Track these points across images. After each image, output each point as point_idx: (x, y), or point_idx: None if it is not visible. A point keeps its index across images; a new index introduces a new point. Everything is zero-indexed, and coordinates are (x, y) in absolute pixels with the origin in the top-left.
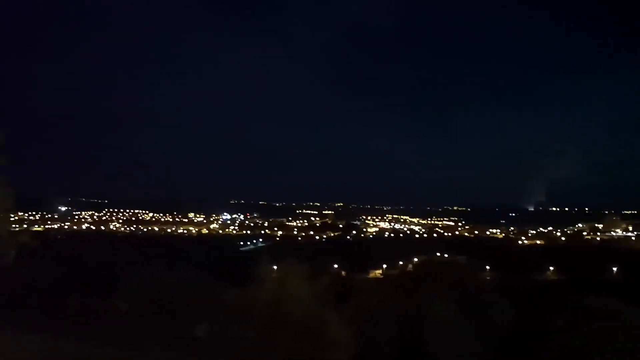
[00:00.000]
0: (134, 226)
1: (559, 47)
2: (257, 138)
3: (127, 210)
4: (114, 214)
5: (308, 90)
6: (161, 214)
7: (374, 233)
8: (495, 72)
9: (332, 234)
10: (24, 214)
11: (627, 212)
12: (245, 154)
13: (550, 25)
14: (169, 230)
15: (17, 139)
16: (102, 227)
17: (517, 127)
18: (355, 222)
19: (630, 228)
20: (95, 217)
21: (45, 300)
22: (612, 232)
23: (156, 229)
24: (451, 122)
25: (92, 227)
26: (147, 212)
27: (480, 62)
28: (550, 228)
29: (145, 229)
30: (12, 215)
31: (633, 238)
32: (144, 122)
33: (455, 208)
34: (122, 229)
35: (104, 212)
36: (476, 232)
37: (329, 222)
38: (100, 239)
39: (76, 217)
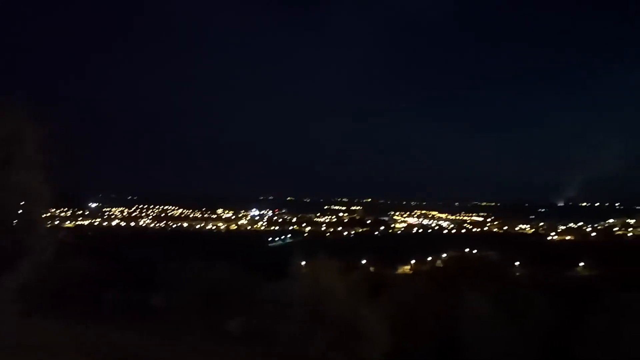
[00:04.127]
0: (164, 222)
1: (596, 40)
2: (286, 134)
3: (157, 207)
4: (144, 210)
5: (337, 86)
6: (190, 210)
7: (402, 229)
8: (527, 66)
9: (360, 230)
10: (55, 211)
11: None
12: (273, 150)
13: (593, 17)
14: (197, 226)
15: (48, 136)
16: (132, 224)
17: (548, 122)
18: (383, 218)
19: None
20: (125, 213)
21: (84, 294)
22: None
23: (185, 225)
24: (481, 116)
25: (122, 223)
26: (176, 208)
27: (513, 56)
28: (580, 223)
29: (174, 225)
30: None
31: None
32: (174, 119)
33: (484, 203)
34: (152, 225)
35: (133, 208)
36: (505, 227)
37: (357, 217)
38: (131, 235)
39: (106, 213)
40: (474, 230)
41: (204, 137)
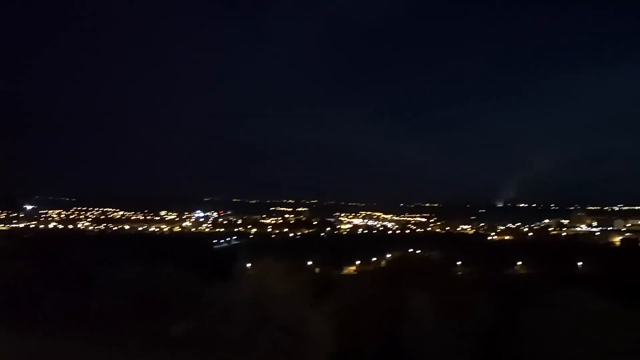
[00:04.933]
0: (104, 224)
1: (532, 42)
2: (230, 135)
3: (97, 209)
4: (83, 212)
5: (280, 86)
6: (132, 212)
7: (348, 230)
8: (465, 67)
9: (307, 231)
10: None
11: (591, 208)
12: (218, 151)
13: (528, 19)
14: (140, 228)
15: None
16: (71, 226)
17: (487, 124)
18: (329, 219)
19: (595, 223)
20: (63, 215)
21: (18, 299)
22: (577, 228)
23: (127, 227)
24: (423, 118)
25: (59, 226)
26: (117, 210)
27: (455, 58)
28: (518, 224)
29: (115, 228)
30: None
31: (597, 233)
32: (113, 117)
33: (427, 204)
34: (92, 227)
35: (72, 210)
36: (447, 228)
37: (303, 219)
38: (70, 237)
39: (43, 216)
40: (418, 230)
41: (145, 136)
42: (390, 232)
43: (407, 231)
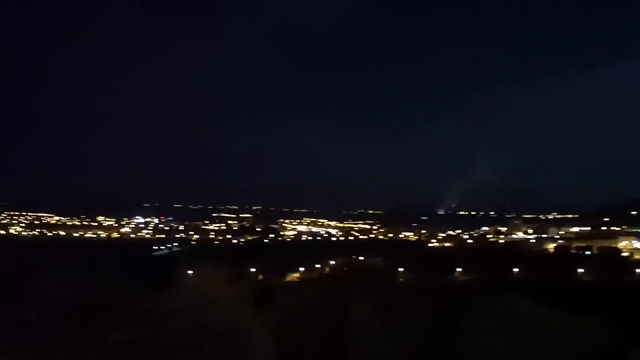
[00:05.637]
0: (38, 230)
1: (476, 55)
2: (172, 138)
3: (30, 213)
4: (15, 217)
5: (227, 89)
6: (68, 217)
7: (292, 236)
8: (411, 78)
9: (250, 238)
10: None
11: (527, 216)
12: (159, 154)
13: (468, 33)
14: (76, 234)
15: None
16: (2, 232)
17: (429, 133)
18: (273, 226)
19: (530, 231)
20: None
21: None
22: (513, 235)
23: (62, 233)
24: (367, 126)
25: None
26: (52, 214)
27: (398, 66)
28: (458, 231)
29: (50, 233)
30: None
31: (532, 240)
32: (47, 118)
33: (370, 211)
34: (25, 233)
35: (3, 215)
36: (390, 234)
37: (247, 225)
38: (2, 244)
39: None
40: (361, 237)
41: (81, 138)
42: (334, 238)
43: (351, 238)
